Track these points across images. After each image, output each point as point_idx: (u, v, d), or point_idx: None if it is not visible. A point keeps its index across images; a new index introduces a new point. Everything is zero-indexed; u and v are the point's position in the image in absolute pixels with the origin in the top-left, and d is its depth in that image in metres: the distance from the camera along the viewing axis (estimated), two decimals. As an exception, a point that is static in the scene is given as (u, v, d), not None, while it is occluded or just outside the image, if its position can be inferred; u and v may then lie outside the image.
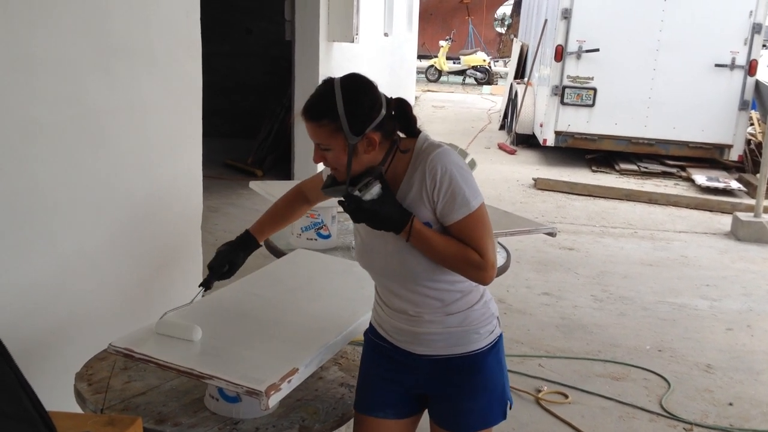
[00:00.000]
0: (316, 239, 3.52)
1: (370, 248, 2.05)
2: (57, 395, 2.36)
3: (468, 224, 1.90)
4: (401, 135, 1.99)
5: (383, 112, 1.90)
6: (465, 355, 2.03)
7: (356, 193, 1.86)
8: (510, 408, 2.15)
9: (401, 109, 1.96)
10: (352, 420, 2.17)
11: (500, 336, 2.11)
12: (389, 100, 1.95)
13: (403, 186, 1.95)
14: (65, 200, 2.69)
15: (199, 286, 2.23)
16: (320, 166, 2.14)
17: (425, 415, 2.20)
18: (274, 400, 1.85)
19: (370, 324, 2.20)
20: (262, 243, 2.36)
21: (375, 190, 1.87)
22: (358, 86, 1.91)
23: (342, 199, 1.91)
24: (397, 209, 1.89)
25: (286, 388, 1.89)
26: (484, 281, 1.95)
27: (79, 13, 2.69)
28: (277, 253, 3.41)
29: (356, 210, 1.88)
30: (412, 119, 1.98)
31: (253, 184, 3.87)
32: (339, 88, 1.87)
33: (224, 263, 2.25)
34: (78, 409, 2.15)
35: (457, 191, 1.88)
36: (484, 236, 1.91)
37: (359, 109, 1.87)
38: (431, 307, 2.00)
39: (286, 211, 2.41)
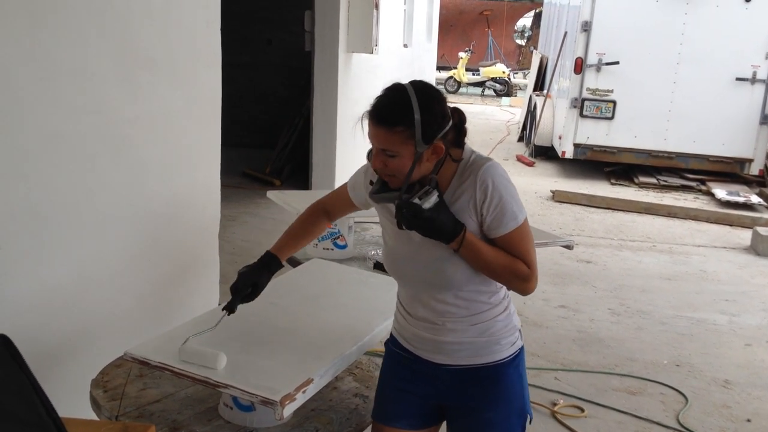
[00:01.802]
0: (332, 249, 3.53)
1: (401, 256, 2.05)
2: (73, 401, 2.38)
3: (515, 237, 1.94)
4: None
5: (451, 121, 1.92)
6: (485, 365, 2.04)
7: (416, 200, 1.86)
8: (530, 422, 2.15)
9: (459, 120, 1.97)
10: (366, 430, 2.17)
11: (521, 349, 2.12)
12: (452, 110, 1.96)
13: (448, 195, 1.96)
14: (84, 208, 2.72)
15: (223, 309, 2.15)
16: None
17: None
18: (288, 410, 1.86)
19: (391, 334, 2.22)
20: (284, 263, 2.32)
21: (433, 198, 1.87)
22: (431, 94, 1.91)
23: (395, 204, 1.90)
24: (451, 219, 1.90)
25: (300, 398, 1.90)
26: (528, 292, 1.98)
27: (101, 23, 2.72)
28: (294, 262, 3.42)
29: (413, 217, 1.87)
30: (464, 131, 1.99)
31: (271, 194, 3.89)
32: (413, 95, 1.86)
33: (248, 285, 2.19)
34: (93, 416, 2.16)
35: (507, 206, 1.91)
36: (529, 248, 1.96)
37: (433, 117, 1.87)
38: (457, 316, 2.01)
39: (306, 229, 2.37)
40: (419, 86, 1.91)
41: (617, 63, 9.90)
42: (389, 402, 2.16)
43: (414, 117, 1.84)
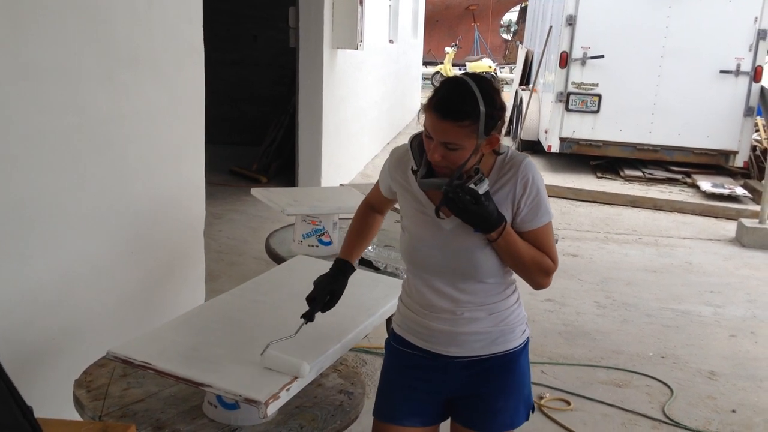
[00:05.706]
0: (317, 246, 3.53)
1: (427, 244, 2.04)
2: (56, 402, 2.38)
3: (545, 232, 2.02)
4: None
5: (506, 113, 1.95)
6: (500, 354, 2.08)
7: (472, 185, 1.87)
8: (533, 411, 2.19)
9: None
10: (350, 427, 2.17)
11: (528, 338, 2.17)
12: None
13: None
14: (68, 207, 2.71)
15: (301, 318, 2.11)
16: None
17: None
18: (273, 408, 1.86)
19: (393, 332, 2.21)
20: (356, 266, 2.29)
21: (485, 186, 1.89)
22: (491, 87, 1.92)
23: (444, 189, 1.89)
24: (495, 209, 1.92)
25: (285, 396, 1.90)
26: (546, 285, 2.07)
27: (84, 22, 2.71)
28: (278, 259, 3.42)
29: (468, 203, 1.86)
30: (503, 121, 2.00)
31: (255, 191, 3.88)
32: (476, 88, 1.87)
33: (325, 294, 2.16)
34: (77, 416, 2.16)
35: (541, 201, 1.99)
36: (553, 244, 2.05)
37: (494, 109, 1.89)
38: (476, 305, 2.05)
39: (365, 227, 2.34)
40: (479, 79, 1.92)
41: (602, 57, 9.93)
42: (397, 400, 2.17)
43: (480, 110, 1.85)
